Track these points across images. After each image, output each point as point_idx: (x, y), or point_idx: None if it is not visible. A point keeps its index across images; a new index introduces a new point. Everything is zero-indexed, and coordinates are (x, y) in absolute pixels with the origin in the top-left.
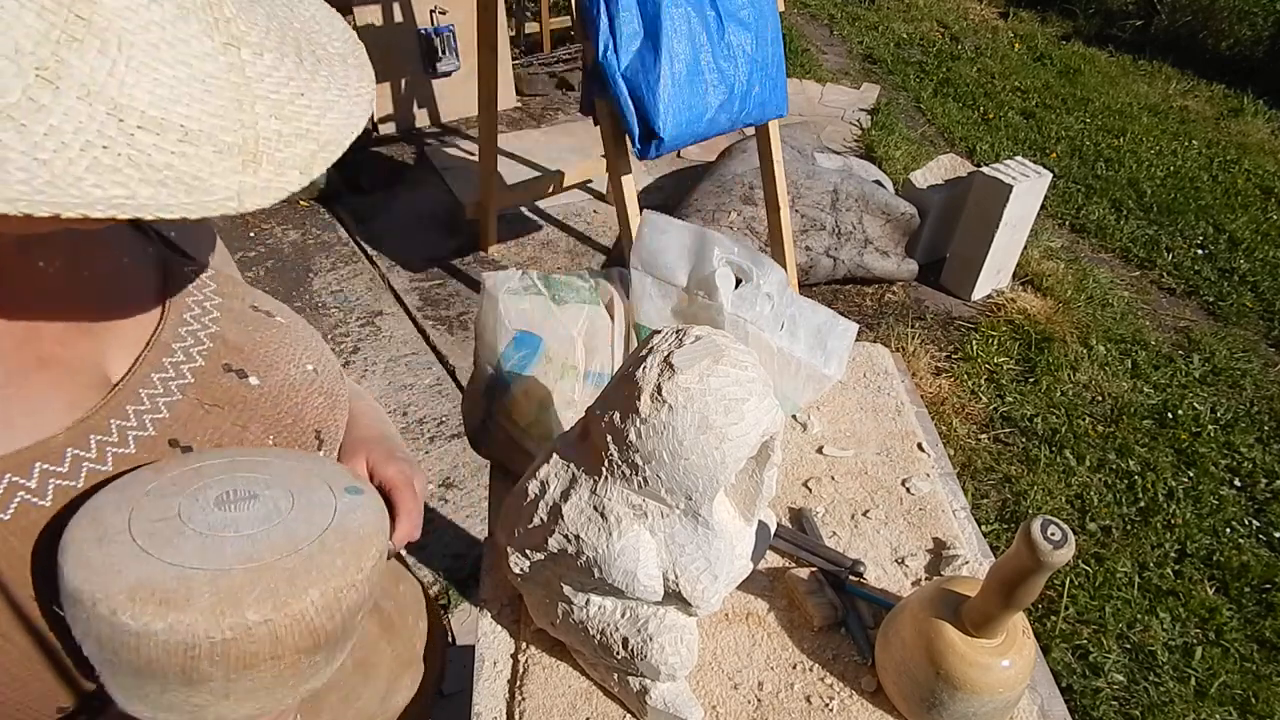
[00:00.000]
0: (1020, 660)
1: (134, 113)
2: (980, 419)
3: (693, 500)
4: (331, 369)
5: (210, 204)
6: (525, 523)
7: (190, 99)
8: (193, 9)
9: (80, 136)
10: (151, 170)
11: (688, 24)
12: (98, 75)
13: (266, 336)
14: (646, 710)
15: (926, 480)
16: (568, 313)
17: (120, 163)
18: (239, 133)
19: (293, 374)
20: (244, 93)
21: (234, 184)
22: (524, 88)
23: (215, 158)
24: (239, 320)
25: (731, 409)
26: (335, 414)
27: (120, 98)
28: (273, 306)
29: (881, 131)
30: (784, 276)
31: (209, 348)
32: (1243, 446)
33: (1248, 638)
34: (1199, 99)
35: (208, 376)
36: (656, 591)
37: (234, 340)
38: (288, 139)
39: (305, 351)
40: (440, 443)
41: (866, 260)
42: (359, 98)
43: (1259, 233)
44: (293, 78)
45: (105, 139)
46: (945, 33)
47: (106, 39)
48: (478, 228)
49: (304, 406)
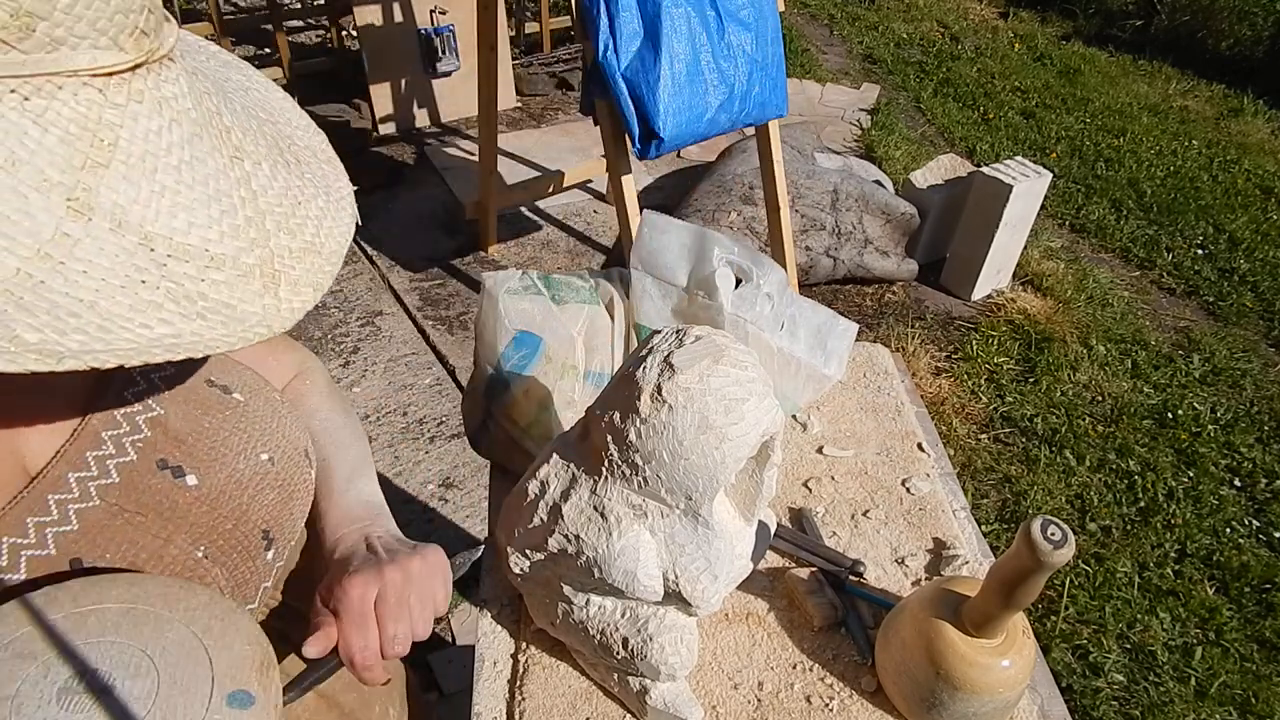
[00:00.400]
0: (1020, 660)
1: (163, 240)
2: (980, 419)
3: (693, 500)
4: (292, 453)
5: (247, 334)
6: (525, 523)
7: (210, 221)
8: (204, 125)
9: (119, 272)
10: (189, 303)
11: (688, 24)
12: (124, 203)
13: (217, 422)
14: (646, 710)
15: (926, 480)
16: (568, 313)
17: (160, 296)
18: (257, 252)
19: (241, 467)
20: (254, 209)
21: (259, 308)
22: (524, 88)
23: (239, 282)
24: (188, 401)
25: (731, 409)
26: (291, 507)
27: (149, 225)
28: (233, 380)
29: (881, 131)
30: (784, 276)
31: (145, 438)
32: (1243, 446)
33: (1248, 638)
34: (1199, 99)
35: (137, 475)
36: (656, 591)
37: (176, 429)
38: (297, 254)
39: (261, 438)
40: (440, 443)
41: (866, 260)
42: (342, 201)
43: (1259, 233)
44: (289, 187)
45: (142, 272)
46: (945, 33)
47: (131, 163)
48: (478, 228)
49: (251, 505)
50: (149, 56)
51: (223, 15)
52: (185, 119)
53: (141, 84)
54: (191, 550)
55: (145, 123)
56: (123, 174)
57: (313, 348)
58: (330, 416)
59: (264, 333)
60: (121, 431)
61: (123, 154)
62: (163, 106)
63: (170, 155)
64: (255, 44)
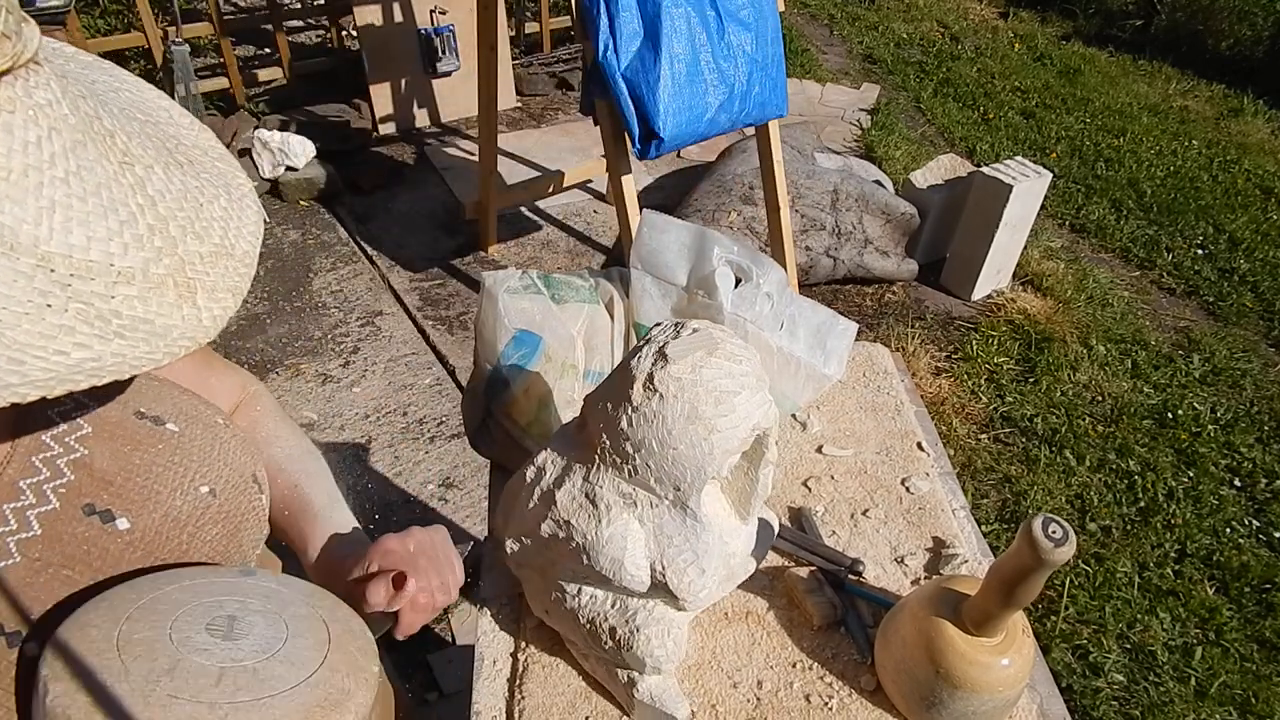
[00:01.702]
0: (1020, 659)
1: (61, 259)
2: (980, 419)
3: (680, 491)
4: (237, 481)
5: (171, 348)
6: (522, 507)
7: (110, 234)
8: (85, 130)
9: (19, 299)
10: (103, 323)
11: (688, 24)
12: (11, 223)
13: (149, 458)
14: (634, 704)
15: (926, 480)
16: (568, 312)
17: (70, 319)
18: (165, 261)
19: (178, 504)
20: (155, 215)
21: (178, 319)
22: (524, 88)
23: (153, 295)
24: (115, 437)
25: (722, 401)
26: (240, 539)
27: (44, 245)
28: (166, 409)
29: (881, 131)
30: (784, 276)
31: (69, 482)
32: (1243, 446)
33: (1248, 638)
34: (1199, 99)
35: (61, 524)
36: (643, 581)
37: (103, 469)
38: (209, 259)
39: (200, 469)
40: (440, 443)
41: (866, 260)
42: (245, 199)
43: (1259, 233)
44: (187, 190)
45: (46, 296)
46: (945, 33)
47: (13, 180)
48: (478, 228)
49: (192, 544)
50: (14, 61)
51: (223, 15)
52: (64, 126)
53: (10, 91)
54: None
55: (22, 134)
56: (4, 192)
57: (313, 348)
58: (291, 442)
59: (189, 345)
60: (41, 478)
61: (1, 170)
62: (38, 115)
63: (55, 167)
64: (255, 44)
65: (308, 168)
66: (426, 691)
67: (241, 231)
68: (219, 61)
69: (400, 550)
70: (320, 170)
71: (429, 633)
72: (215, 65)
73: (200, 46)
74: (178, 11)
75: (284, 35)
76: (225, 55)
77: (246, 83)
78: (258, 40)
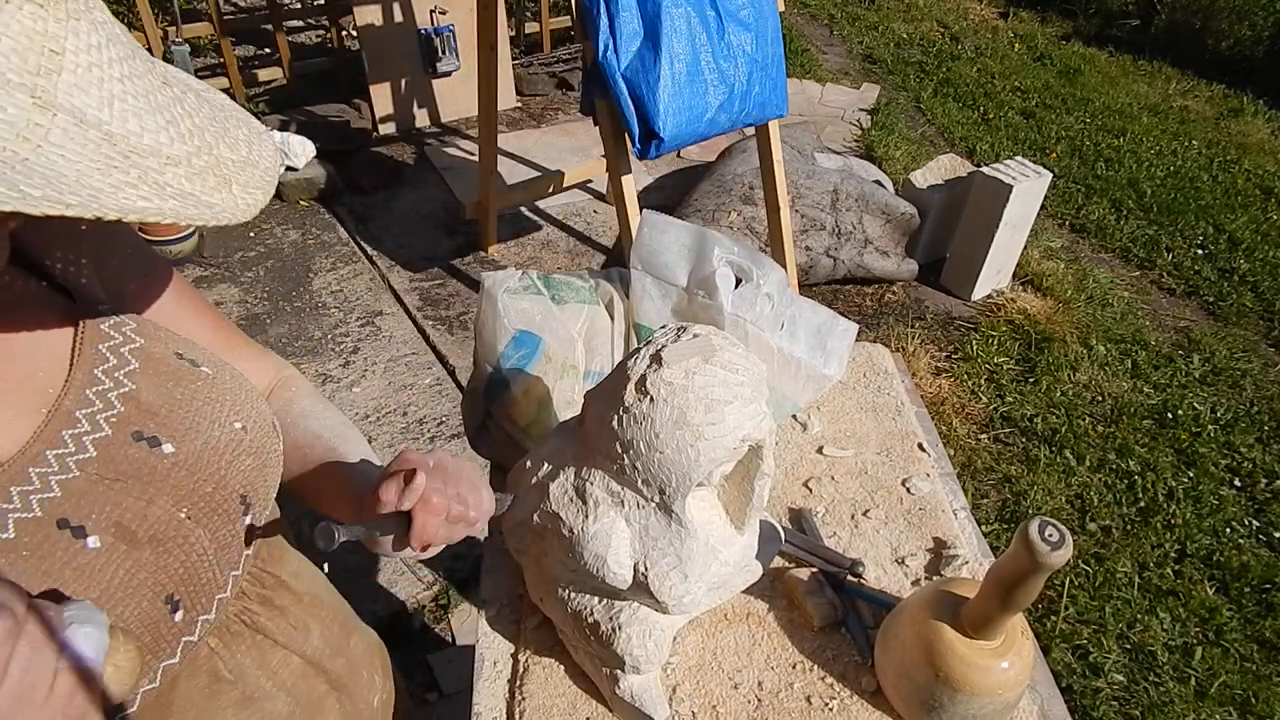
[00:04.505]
0: (1019, 661)
1: (121, 139)
2: (980, 419)
3: (666, 495)
4: (262, 423)
5: (217, 216)
6: (520, 496)
7: (159, 127)
8: (133, 49)
9: (91, 156)
10: (159, 188)
11: (688, 24)
12: (80, 106)
13: (189, 393)
14: (615, 700)
15: (926, 480)
16: (568, 312)
17: (133, 179)
18: (204, 157)
19: (216, 435)
20: (191, 124)
21: (219, 199)
22: (524, 88)
23: (196, 178)
24: (159, 374)
25: (712, 409)
26: (265, 473)
27: (106, 125)
28: (200, 356)
29: (881, 131)
30: (784, 276)
31: (119, 413)
32: (1243, 446)
33: (1248, 638)
34: (1199, 99)
35: (113, 448)
36: (625, 579)
37: (149, 402)
38: (239, 166)
39: (233, 408)
40: (440, 443)
41: (866, 260)
42: (261, 135)
43: (1259, 233)
44: (215, 115)
45: (111, 160)
46: (945, 33)
47: (79, 73)
48: (478, 228)
49: (229, 470)
50: None
51: (223, 15)
52: (117, 41)
53: (75, 5)
54: (174, 511)
55: (86, 38)
56: (74, 81)
57: (313, 348)
58: (328, 416)
59: (230, 218)
60: (95, 409)
61: (70, 63)
62: (97, 27)
63: (113, 69)
64: (255, 44)
65: (308, 168)
66: (426, 691)
67: (264, 152)
68: (219, 61)
69: (418, 459)
70: (320, 170)
71: (429, 633)
72: (215, 65)
73: (200, 46)
74: (178, 11)
75: (284, 35)
76: (225, 55)
77: (246, 83)
78: (258, 40)
